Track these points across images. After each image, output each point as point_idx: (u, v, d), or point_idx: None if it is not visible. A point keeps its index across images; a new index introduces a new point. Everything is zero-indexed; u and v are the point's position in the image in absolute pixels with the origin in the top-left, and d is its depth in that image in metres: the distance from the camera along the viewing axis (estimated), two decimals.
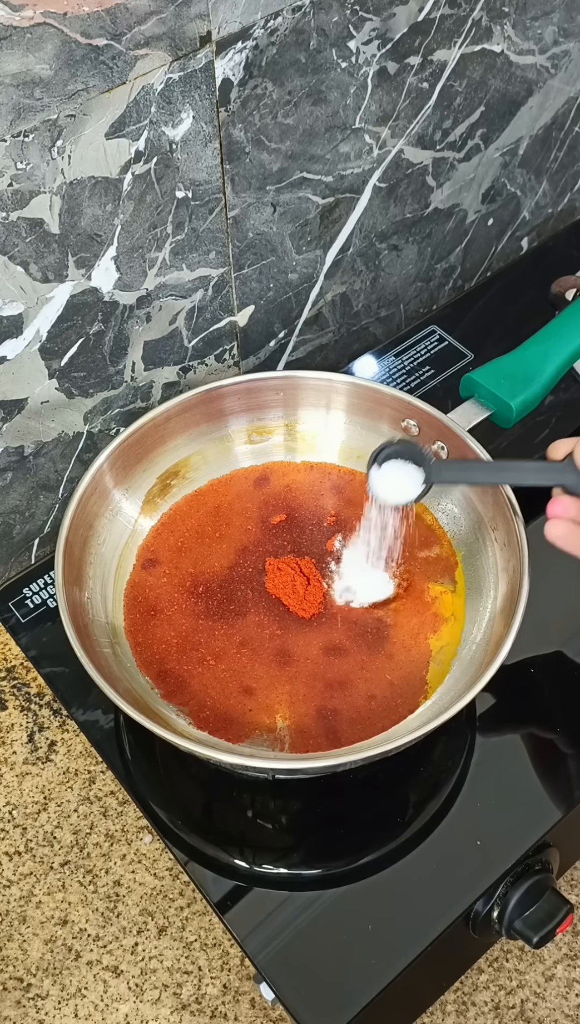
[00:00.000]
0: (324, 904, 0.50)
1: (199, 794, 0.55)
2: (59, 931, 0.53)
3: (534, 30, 0.66)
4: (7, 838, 0.56)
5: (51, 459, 0.61)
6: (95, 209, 0.50)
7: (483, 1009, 0.52)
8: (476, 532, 0.58)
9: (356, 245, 0.69)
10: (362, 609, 0.57)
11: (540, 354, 0.61)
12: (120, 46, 0.45)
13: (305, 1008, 0.47)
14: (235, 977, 0.51)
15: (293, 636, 0.56)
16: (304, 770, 0.50)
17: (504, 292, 0.81)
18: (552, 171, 0.82)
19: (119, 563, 0.58)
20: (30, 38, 0.41)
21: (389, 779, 0.54)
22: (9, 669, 0.62)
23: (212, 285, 0.61)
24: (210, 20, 0.47)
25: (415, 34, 0.58)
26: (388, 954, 0.48)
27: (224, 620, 0.56)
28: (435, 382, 0.74)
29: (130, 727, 0.57)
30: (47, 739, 0.59)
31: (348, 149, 0.61)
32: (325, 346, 0.76)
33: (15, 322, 0.52)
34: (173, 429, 0.60)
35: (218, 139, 0.53)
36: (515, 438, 0.69)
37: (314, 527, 0.60)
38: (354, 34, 0.55)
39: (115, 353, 0.59)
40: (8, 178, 0.45)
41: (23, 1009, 0.51)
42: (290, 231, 0.63)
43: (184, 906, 0.53)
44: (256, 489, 0.62)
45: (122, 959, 0.52)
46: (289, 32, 0.52)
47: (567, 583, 0.62)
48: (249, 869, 0.52)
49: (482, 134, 0.71)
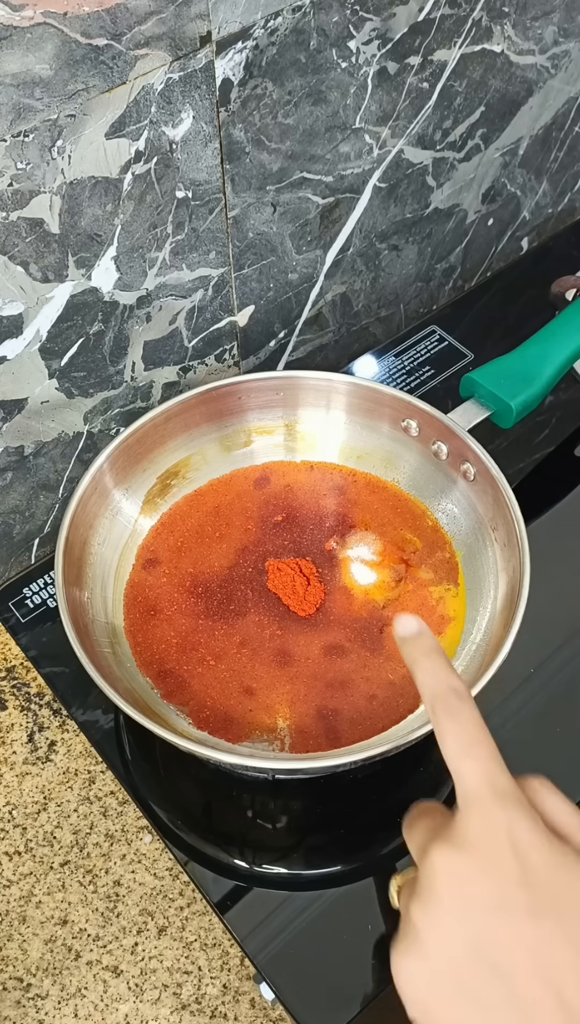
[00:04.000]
0: (324, 904, 0.50)
1: (199, 794, 0.55)
2: (59, 931, 0.53)
3: (534, 30, 0.66)
4: (7, 838, 0.56)
5: (51, 459, 0.61)
6: (95, 209, 0.50)
7: None
8: (476, 532, 0.58)
9: (356, 245, 0.69)
10: (363, 609, 0.57)
11: (540, 354, 0.61)
12: (120, 46, 0.45)
13: (305, 1008, 0.47)
14: (235, 977, 0.51)
15: (293, 636, 0.56)
16: (304, 770, 0.50)
17: (504, 292, 0.81)
18: (552, 171, 0.82)
19: (119, 563, 0.58)
20: (30, 38, 0.41)
21: (389, 779, 0.54)
22: (9, 669, 0.62)
23: (212, 285, 0.61)
24: (210, 20, 0.47)
25: (415, 34, 0.58)
26: (388, 954, 0.48)
27: (224, 620, 0.56)
28: (435, 382, 0.74)
29: (130, 727, 0.57)
30: (47, 739, 0.59)
31: (348, 149, 0.61)
32: (325, 346, 0.76)
33: (15, 322, 0.52)
34: (173, 429, 0.60)
35: (218, 139, 0.53)
36: (515, 438, 0.70)
37: (314, 527, 0.60)
38: (354, 34, 0.55)
39: (115, 353, 0.59)
40: (8, 178, 0.45)
41: (23, 1009, 0.51)
42: (290, 231, 0.63)
43: (184, 906, 0.53)
44: (256, 489, 0.63)
45: (122, 959, 0.52)
46: (289, 32, 0.52)
47: (567, 583, 0.62)
48: (249, 869, 0.52)
49: (482, 134, 0.71)
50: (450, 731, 0.35)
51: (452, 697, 0.36)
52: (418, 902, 0.34)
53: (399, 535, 0.60)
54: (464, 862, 0.33)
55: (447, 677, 0.37)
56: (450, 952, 0.32)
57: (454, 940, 0.32)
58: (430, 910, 0.33)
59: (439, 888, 0.33)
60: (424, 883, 0.34)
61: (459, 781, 0.35)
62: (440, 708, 0.36)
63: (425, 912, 0.33)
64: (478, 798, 0.34)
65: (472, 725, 0.35)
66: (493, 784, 0.34)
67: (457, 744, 0.35)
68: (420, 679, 0.38)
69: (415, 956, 0.33)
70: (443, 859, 0.33)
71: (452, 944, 0.32)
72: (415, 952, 0.33)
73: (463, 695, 0.36)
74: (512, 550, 0.53)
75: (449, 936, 0.33)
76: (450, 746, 0.35)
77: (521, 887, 0.32)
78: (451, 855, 0.33)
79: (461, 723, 0.35)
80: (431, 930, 0.33)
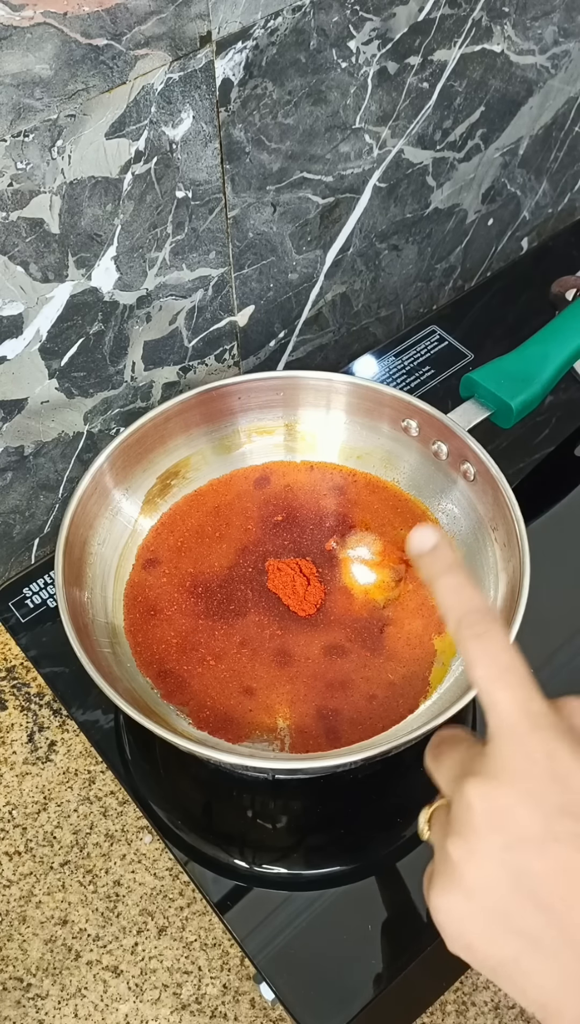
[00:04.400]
0: (324, 904, 0.50)
1: (199, 794, 0.55)
2: (59, 931, 0.53)
3: (534, 30, 0.66)
4: (7, 838, 0.56)
5: (51, 459, 0.61)
6: (95, 209, 0.50)
7: (483, 1009, 0.52)
8: (476, 532, 0.58)
9: (356, 245, 0.69)
10: (363, 609, 0.57)
11: (540, 354, 0.61)
12: (120, 46, 0.45)
13: (305, 1008, 0.47)
14: (235, 977, 0.51)
15: (293, 636, 0.56)
16: (304, 770, 0.50)
17: (504, 292, 0.81)
18: (552, 171, 0.82)
19: (119, 563, 0.58)
20: (30, 38, 0.41)
21: (389, 779, 0.54)
22: (9, 669, 0.62)
23: (212, 285, 0.61)
24: (210, 20, 0.47)
25: (415, 34, 0.58)
26: (388, 954, 0.48)
27: (224, 620, 0.56)
28: (435, 382, 0.74)
29: (130, 727, 0.57)
30: (47, 739, 0.59)
31: (348, 149, 0.61)
32: (325, 346, 0.76)
33: (15, 322, 0.52)
34: (173, 429, 0.60)
35: (218, 139, 0.53)
36: (515, 438, 0.70)
37: (314, 527, 0.60)
38: (354, 34, 0.55)
39: (115, 353, 0.59)
40: (8, 178, 0.45)
41: (23, 1009, 0.51)
42: (290, 231, 0.63)
43: (184, 906, 0.53)
44: (256, 489, 0.62)
45: (122, 959, 0.52)
46: (289, 32, 0.52)
47: (567, 583, 0.62)
48: (249, 869, 0.52)
49: (482, 134, 0.71)
50: (479, 657, 0.33)
51: (478, 618, 0.34)
52: (456, 837, 0.32)
53: (399, 535, 0.60)
54: (503, 794, 0.31)
55: (471, 595, 0.35)
56: (494, 887, 0.31)
57: (497, 875, 0.31)
58: (470, 845, 0.32)
59: (477, 822, 0.32)
60: (460, 817, 0.32)
61: (491, 710, 0.33)
62: (466, 631, 0.34)
63: (465, 847, 0.32)
64: (513, 726, 0.32)
65: (502, 649, 0.33)
66: (528, 710, 0.32)
67: (487, 671, 0.33)
68: (441, 598, 0.35)
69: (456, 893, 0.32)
70: (479, 792, 0.32)
71: (495, 879, 0.31)
72: (456, 889, 0.32)
73: (490, 615, 0.34)
74: (512, 550, 0.53)
75: (492, 871, 0.31)
76: (479, 673, 0.33)
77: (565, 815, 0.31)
78: (488, 788, 0.32)
79: (490, 647, 0.33)
80: (471, 866, 0.32)
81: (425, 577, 0.36)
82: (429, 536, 0.36)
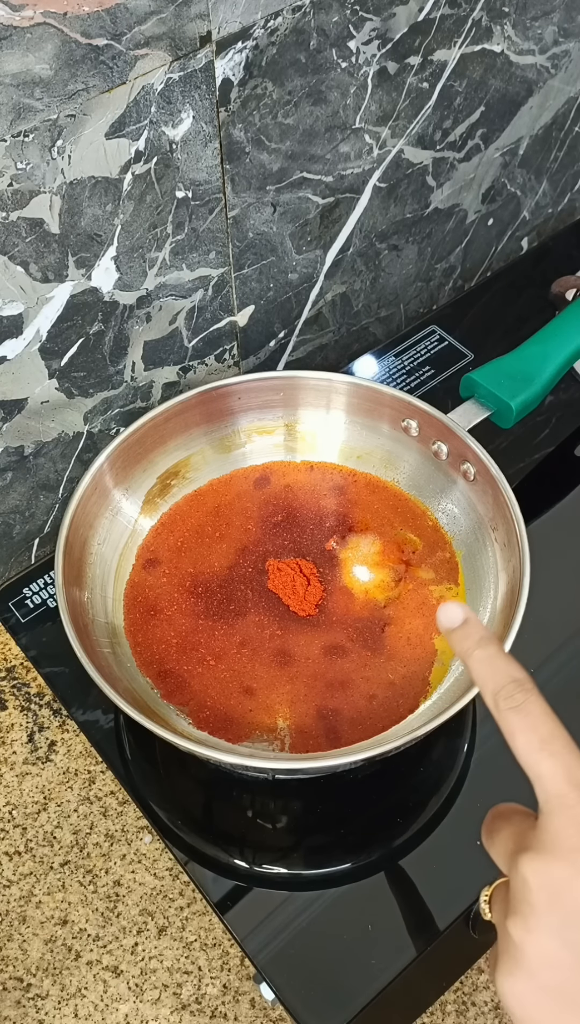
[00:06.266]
0: (324, 904, 0.50)
1: (199, 794, 0.55)
2: (59, 931, 0.53)
3: (534, 30, 0.66)
4: (7, 838, 0.56)
5: (51, 459, 0.61)
6: (95, 209, 0.50)
7: (483, 1009, 0.52)
8: (476, 532, 0.58)
9: (356, 245, 0.69)
10: (363, 609, 0.57)
11: (540, 354, 0.61)
12: (120, 46, 0.45)
13: (305, 1008, 0.47)
14: (235, 977, 0.51)
15: (293, 636, 0.56)
16: (304, 770, 0.50)
17: (504, 292, 0.81)
18: (552, 171, 0.82)
19: (119, 563, 0.58)
20: (30, 38, 0.41)
21: (389, 779, 0.54)
22: (9, 669, 0.62)
23: (212, 285, 0.61)
24: (210, 20, 0.47)
25: (415, 34, 0.58)
26: (388, 954, 0.48)
27: (224, 620, 0.56)
28: (435, 382, 0.74)
29: (130, 727, 0.57)
30: (47, 739, 0.59)
31: (348, 149, 0.61)
32: (325, 346, 0.76)
33: (15, 322, 0.52)
34: (173, 429, 0.60)
35: (218, 139, 0.53)
36: (515, 438, 0.70)
37: (314, 527, 0.60)
38: (354, 34, 0.55)
39: (115, 353, 0.59)
40: (8, 178, 0.45)
41: (23, 1009, 0.51)
42: (290, 231, 0.63)
43: (184, 906, 0.53)
44: (256, 489, 0.62)
45: (122, 959, 0.52)
46: (289, 32, 0.52)
47: (567, 583, 0.62)
48: (249, 869, 0.52)
49: (482, 134, 0.71)
50: (519, 728, 0.33)
51: (516, 690, 0.33)
52: (515, 916, 0.32)
53: (399, 535, 0.60)
54: (558, 870, 0.31)
55: (506, 667, 0.34)
56: (555, 966, 0.31)
57: (558, 953, 0.31)
58: (529, 925, 0.31)
59: (535, 901, 0.31)
60: (519, 896, 0.32)
61: (537, 782, 0.32)
62: (504, 703, 0.33)
63: (524, 927, 0.32)
64: (561, 798, 0.32)
65: (541, 718, 0.33)
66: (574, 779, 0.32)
67: (529, 742, 0.32)
68: (475, 671, 0.35)
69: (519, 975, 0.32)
70: (534, 869, 0.32)
71: (556, 958, 0.31)
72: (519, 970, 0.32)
73: (527, 685, 0.34)
74: (512, 550, 0.53)
75: (552, 950, 0.31)
76: (521, 744, 0.33)
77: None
78: (543, 864, 0.31)
79: (529, 718, 0.33)
80: (532, 946, 0.31)
81: (458, 653, 0.36)
82: (457, 612, 0.36)
